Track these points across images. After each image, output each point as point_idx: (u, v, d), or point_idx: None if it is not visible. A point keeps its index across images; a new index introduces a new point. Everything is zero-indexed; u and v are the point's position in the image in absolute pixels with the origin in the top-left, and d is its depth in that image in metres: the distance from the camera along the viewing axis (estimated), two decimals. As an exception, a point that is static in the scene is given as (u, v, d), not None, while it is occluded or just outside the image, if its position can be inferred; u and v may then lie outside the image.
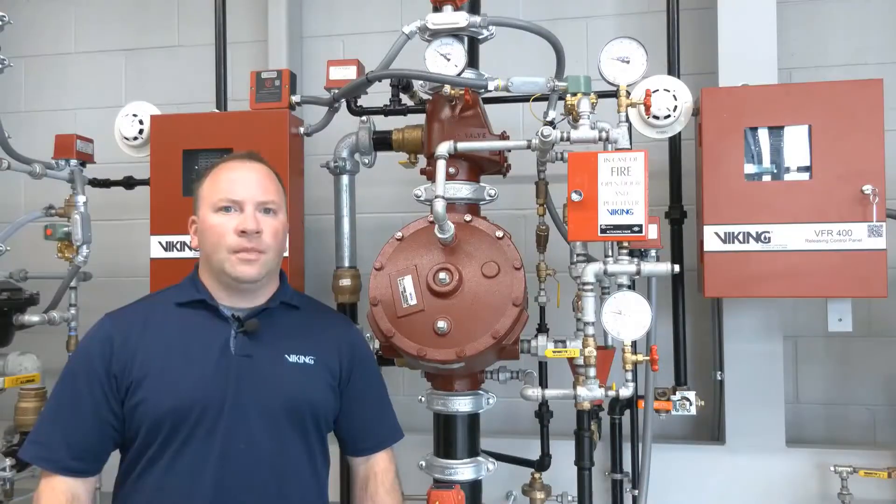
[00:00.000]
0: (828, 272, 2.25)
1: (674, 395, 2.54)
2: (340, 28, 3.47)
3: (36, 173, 2.70)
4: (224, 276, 1.59)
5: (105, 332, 1.57)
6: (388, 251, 2.07)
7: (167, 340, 1.57)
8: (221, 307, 1.62)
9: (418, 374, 2.32)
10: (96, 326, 1.61)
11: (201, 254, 1.65)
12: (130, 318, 1.61)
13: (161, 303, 1.65)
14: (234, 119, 2.63)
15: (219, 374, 1.54)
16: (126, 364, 1.53)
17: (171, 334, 1.58)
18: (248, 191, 1.59)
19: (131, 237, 3.40)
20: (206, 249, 1.61)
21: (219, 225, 1.57)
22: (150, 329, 1.58)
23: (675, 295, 2.65)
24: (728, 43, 2.82)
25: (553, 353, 2.08)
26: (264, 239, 1.59)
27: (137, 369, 1.53)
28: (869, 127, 2.24)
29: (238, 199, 1.58)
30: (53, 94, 3.75)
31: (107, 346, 1.55)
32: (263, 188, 1.62)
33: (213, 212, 1.58)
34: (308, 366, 1.64)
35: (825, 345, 3.04)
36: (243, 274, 1.57)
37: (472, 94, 2.18)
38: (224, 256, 1.57)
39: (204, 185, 1.64)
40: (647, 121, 2.26)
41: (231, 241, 1.56)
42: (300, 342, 1.66)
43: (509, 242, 2.04)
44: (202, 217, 1.61)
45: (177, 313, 1.61)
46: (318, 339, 1.70)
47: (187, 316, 1.61)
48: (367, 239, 2.87)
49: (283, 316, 1.68)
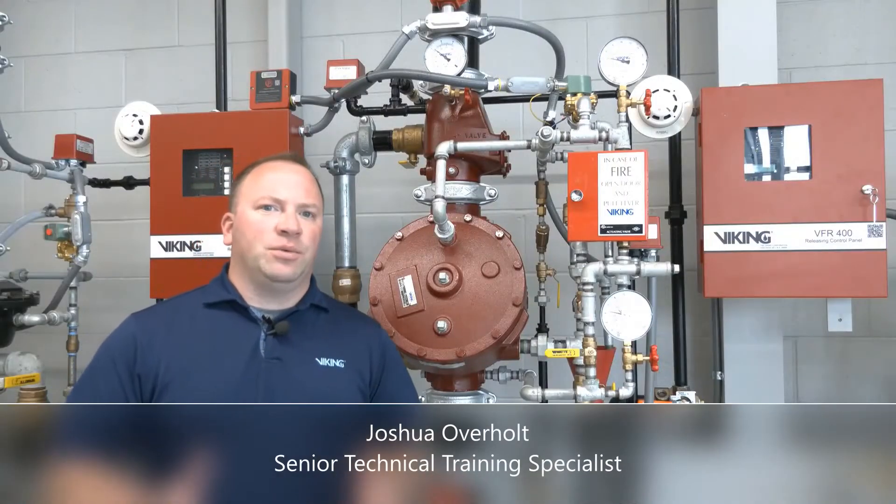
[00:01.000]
0: (828, 272, 2.25)
1: (674, 395, 2.54)
2: (340, 28, 3.48)
3: (36, 173, 2.70)
4: (258, 275, 1.56)
5: (129, 332, 1.54)
6: (388, 251, 2.08)
7: (195, 343, 1.54)
8: (252, 308, 1.58)
9: (418, 374, 2.32)
10: (121, 326, 1.57)
11: (234, 252, 1.62)
12: (156, 319, 1.58)
13: (187, 304, 1.61)
14: (234, 119, 2.64)
15: (248, 378, 1.51)
16: (151, 366, 1.50)
17: (199, 336, 1.55)
18: (291, 192, 1.57)
19: (131, 237, 3.41)
20: (241, 246, 1.57)
21: (258, 222, 1.54)
22: (176, 331, 1.55)
23: (675, 295, 2.65)
24: (728, 43, 2.82)
25: (553, 353, 2.08)
26: (303, 240, 1.56)
27: (163, 373, 1.49)
28: (869, 127, 2.24)
29: (281, 198, 1.56)
30: (53, 94, 3.75)
31: (130, 345, 1.52)
32: (306, 190, 1.60)
33: (254, 209, 1.56)
34: (339, 369, 1.61)
35: (825, 345, 3.04)
36: (279, 272, 1.54)
37: (472, 94, 2.18)
38: (260, 252, 1.53)
39: (245, 181, 1.61)
40: (647, 121, 2.26)
41: (270, 238, 1.53)
42: (330, 345, 1.63)
43: (509, 242, 2.04)
44: (241, 213, 1.58)
45: (204, 314, 1.57)
46: (348, 341, 1.67)
47: (216, 317, 1.57)
48: (367, 239, 2.87)
49: (313, 318, 1.65)
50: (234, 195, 1.64)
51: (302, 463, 1.28)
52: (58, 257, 2.92)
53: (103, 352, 1.55)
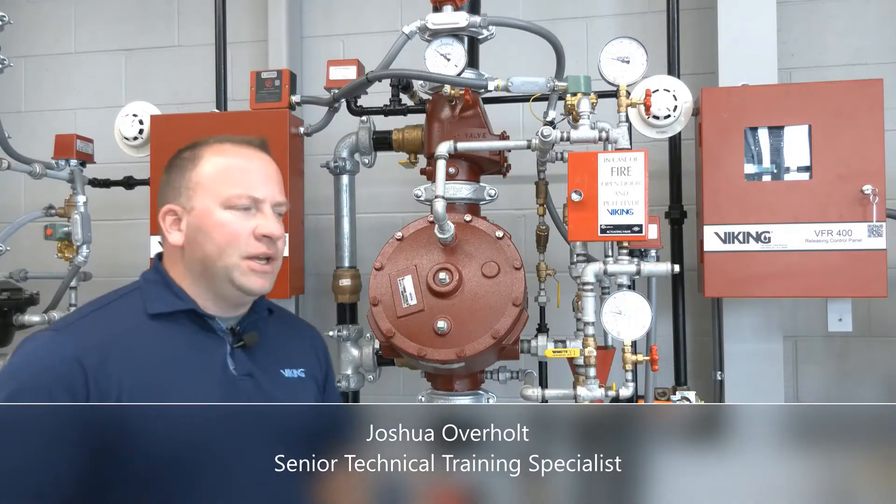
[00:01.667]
0: (828, 272, 2.25)
1: (674, 394, 2.54)
2: (340, 28, 3.47)
3: (36, 173, 2.70)
4: (227, 287, 1.32)
5: (66, 354, 1.20)
6: (388, 251, 2.08)
7: (155, 361, 1.26)
8: (217, 319, 1.35)
9: (418, 374, 2.32)
10: (45, 348, 1.22)
11: (190, 255, 1.34)
12: (95, 335, 1.25)
13: (122, 313, 1.31)
14: (234, 119, 2.64)
15: (226, 402, 1.28)
16: (106, 394, 1.19)
17: (157, 352, 1.27)
18: (268, 189, 1.34)
19: (131, 237, 3.41)
20: (206, 251, 1.31)
21: (231, 223, 1.30)
22: (127, 346, 1.25)
23: (675, 295, 2.65)
24: (728, 43, 2.82)
25: (553, 353, 2.08)
26: (279, 245, 1.35)
27: (127, 398, 1.20)
28: (869, 127, 2.24)
29: (259, 196, 1.32)
30: (53, 94, 3.75)
31: (76, 370, 1.18)
32: (280, 186, 1.38)
33: (225, 208, 1.30)
34: (301, 380, 1.45)
35: (825, 345, 3.04)
36: (255, 286, 1.32)
37: (472, 94, 2.18)
38: (235, 263, 1.30)
39: (205, 169, 1.33)
40: (647, 121, 2.26)
41: (248, 245, 1.30)
42: (288, 353, 1.46)
43: (509, 242, 2.04)
44: (204, 210, 1.31)
45: (151, 326, 1.29)
46: (298, 346, 1.51)
47: (168, 329, 1.30)
48: (367, 239, 2.87)
49: (264, 323, 1.44)
50: (183, 183, 1.35)
51: (302, 463, 1.27)
52: (58, 257, 2.92)
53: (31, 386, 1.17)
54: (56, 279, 2.89)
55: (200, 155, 1.36)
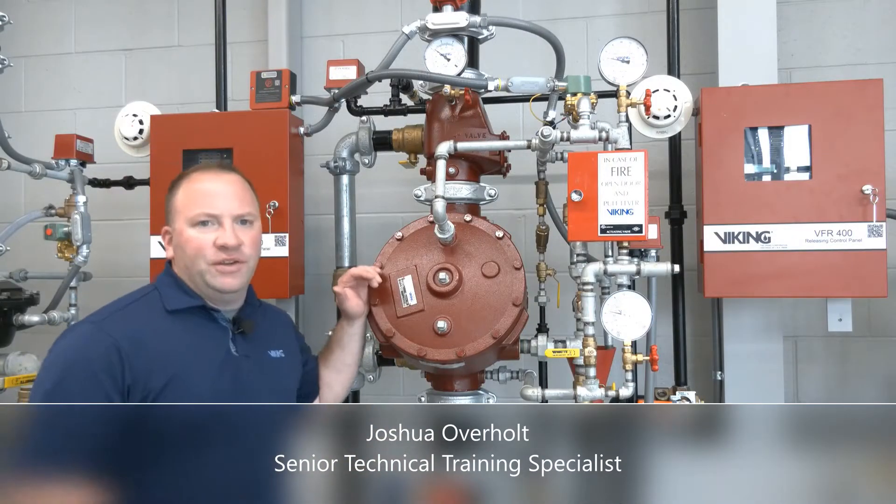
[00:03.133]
0: (828, 272, 2.25)
1: (674, 395, 2.54)
2: (340, 28, 3.48)
3: (36, 173, 2.70)
4: (206, 288, 1.60)
5: (107, 342, 1.47)
6: (388, 251, 2.07)
7: (177, 347, 1.54)
8: (223, 312, 1.64)
9: (418, 374, 2.32)
10: (89, 337, 1.49)
11: (178, 265, 1.64)
12: (127, 326, 1.53)
13: (145, 310, 1.59)
14: (234, 119, 2.64)
15: (231, 377, 1.58)
16: (140, 375, 1.46)
17: (178, 340, 1.56)
18: (226, 203, 1.59)
19: (131, 237, 3.41)
20: (185, 261, 1.60)
21: (196, 238, 1.57)
22: (153, 337, 1.53)
23: (675, 295, 2.65)
24: (728, 43, 2.82)
25: (553, 353, 2.08)
26: (244, 250, 1.60)
27: (154, 380, 1.47)
28: (869, 127, 2.24)
29: (216, 212, 1.58)
30: (53, 94, 3.75)
31: (114, 355, 1.45)
32: (240, 200, 1.62)
33: (191, 226, 1.58)
34: (283, 359, 1.74)
35: (825, 345, 3.04)
36: (225, 285, 1.59)
37: (472, 94, 2.18)
38: (204, 268, 1.57)
39: (178, 196, 1.62)
40: (647, 121, 2.26)
41: (211, 254, 1.57)
42: (272, 337, 1.74)
43: (509, 242, 2.03)
44: (179, 230, 1.60)
45: (169, 319, 1.58)
46: (279, 331, 1.79)
47: (184, 321, 1.59)
48: (367, 239, 2.88)
49: (254, 314, 1.73)
50: (169, 209, 1.65)
51: (302, 463, 1.28)
52: (58, 257, 2.92)
53: (78, 367, 1.45)
54: (56, 279, 2.89)
55: (179, 185, 1.64)
